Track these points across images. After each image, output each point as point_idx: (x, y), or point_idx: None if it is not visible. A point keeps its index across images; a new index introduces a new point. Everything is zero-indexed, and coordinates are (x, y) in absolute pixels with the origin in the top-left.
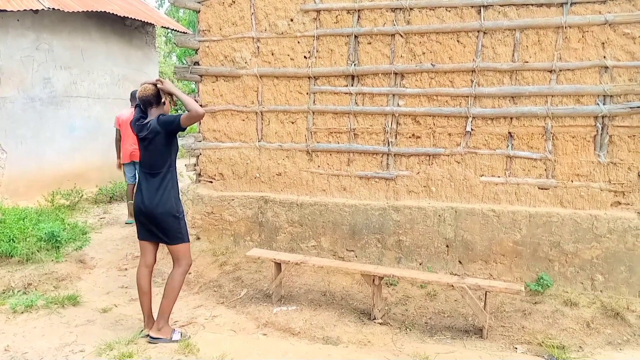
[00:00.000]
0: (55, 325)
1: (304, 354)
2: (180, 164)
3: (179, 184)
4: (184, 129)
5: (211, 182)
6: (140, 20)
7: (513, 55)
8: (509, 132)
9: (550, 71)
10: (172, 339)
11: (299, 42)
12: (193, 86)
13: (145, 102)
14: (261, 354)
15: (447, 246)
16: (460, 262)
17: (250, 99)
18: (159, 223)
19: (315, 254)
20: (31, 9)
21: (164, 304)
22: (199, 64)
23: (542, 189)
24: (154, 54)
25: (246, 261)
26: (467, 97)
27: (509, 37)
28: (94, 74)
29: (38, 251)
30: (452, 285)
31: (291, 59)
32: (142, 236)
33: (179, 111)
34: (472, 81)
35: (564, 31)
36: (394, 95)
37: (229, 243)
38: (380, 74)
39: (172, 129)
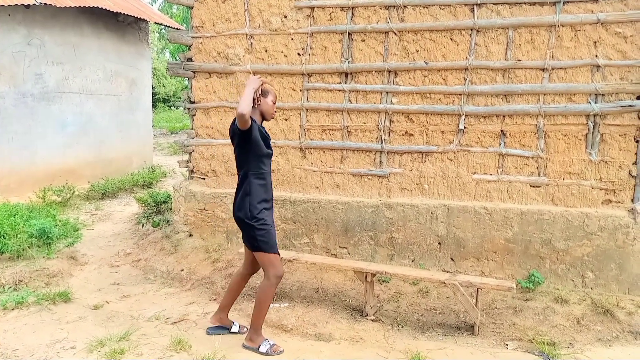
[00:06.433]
0: (46, 321)
1: (296, 350)
2: (173, 160)
3: (261, 189)
4: (243, 130)
5: (204, 178)
6: (133, 16)
7: (506, 53)
8: (502, 130)
9: (543, 69)
10: (259, 350)
11: (292, 39)
12: (186, 82)
13: None
14: None
15: (440, 243)
16: (452, 259)
17: None
18: (239, 226)
19: (308, 251)
20: (22, 4)
21: (253, 315)
22: (192, 60)
23: (533, 186)
24: (147, 50)
25: (239, 258)
26: (460, 95)
27: (502, 36)
28: (86, 69)
29: (29, 247)
30: (444, 282)
31: (285, 55)
32: (243, 238)
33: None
34: (465, 79)
35: (556, 30)
36: (387, 92)
37: (221, 240)
38: (373, 72)
39: (237, 130)
